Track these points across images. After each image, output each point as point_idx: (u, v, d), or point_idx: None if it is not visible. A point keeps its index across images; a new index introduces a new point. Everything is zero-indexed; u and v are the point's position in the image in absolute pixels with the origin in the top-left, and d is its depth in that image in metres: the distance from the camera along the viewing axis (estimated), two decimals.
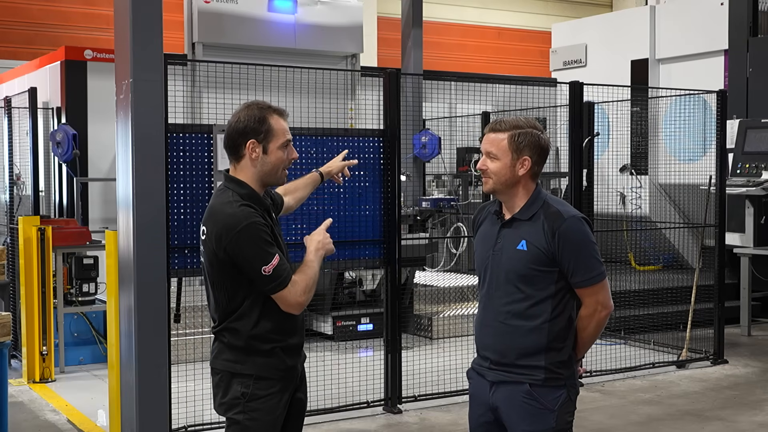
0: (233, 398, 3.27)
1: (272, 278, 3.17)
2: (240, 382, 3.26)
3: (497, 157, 3.32)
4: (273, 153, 3.28)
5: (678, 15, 11.52)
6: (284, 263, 3.21)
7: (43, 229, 7.50)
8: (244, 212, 3.19)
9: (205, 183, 5.90)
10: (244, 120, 3.27)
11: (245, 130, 3.26)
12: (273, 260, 3.16)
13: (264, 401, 3.25)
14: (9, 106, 9.17)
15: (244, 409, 3.25)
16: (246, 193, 3.27)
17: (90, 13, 16.13)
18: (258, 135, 3.26)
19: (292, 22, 10.56)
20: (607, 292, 3.34)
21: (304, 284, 3.24)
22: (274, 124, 3.28)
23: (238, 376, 3.26)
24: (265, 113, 3.28)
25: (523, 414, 3.28)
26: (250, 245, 3.16)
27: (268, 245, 3.18)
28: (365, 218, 6.62)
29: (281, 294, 3.20)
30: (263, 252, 3.16)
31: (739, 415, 6.63)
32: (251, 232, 3.16)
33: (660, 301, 9.44)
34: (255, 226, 3.18)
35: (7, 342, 5.09)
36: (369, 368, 6.92)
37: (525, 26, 21.45)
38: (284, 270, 3.20)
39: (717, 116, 8.44)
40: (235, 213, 3.18)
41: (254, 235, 3.16)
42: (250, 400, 3.25)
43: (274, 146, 3.28)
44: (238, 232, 3.16)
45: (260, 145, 3.27)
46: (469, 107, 11.79)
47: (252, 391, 3.25)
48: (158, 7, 5.22)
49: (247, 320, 3.25)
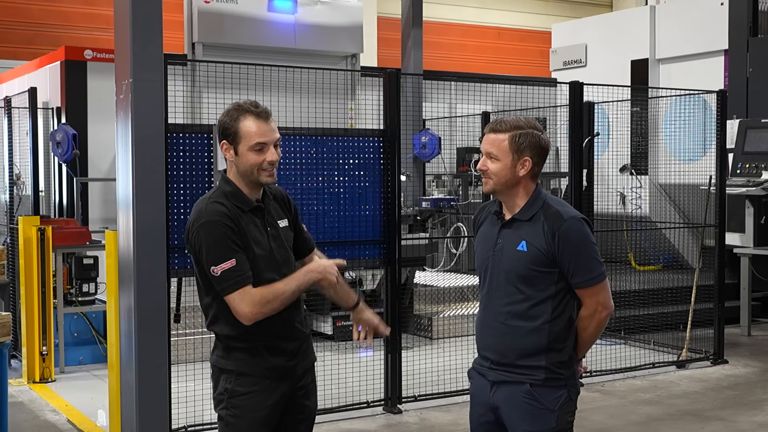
0: (219, 393, 3.30)
1: (221, 280, 3.15)
2: (225, 378, 3.28)
3: (497, 157, 3.31)
4: (243, 155, 3.25)
5: (678, 15, 11.51)
6: (240, 269, 3.15)
7: (43, 229, 7.50)
8: (210, 209, 3.20)
9: (205, 183, 5.89)
10: (220, 121, 3.30)
11: (220, 131, 3.30)
12: (224, 263, 3.13)
13: (246, 398, 3.24)
14: (9, 106, 9.17)
15: (227, 405, 3.27)
16: (229, 191, 3.27)
17: (90, 13, 16.13)
18: (228, 137, 3.27)
19: (292, 22, 10.56)
20: (607, 292, 3.34)
21: (259, 297, 3.15)
22: (243, 126, 3.24)
23: (224, 372, 3.28)
24: (239, 114, 3.26)
25: (524, 414, 3.28)
26: (205, 242, 3.16)
27: (224, 246, 3.15)
28: (365, 218, 6.62)
29: (229, 299, 3.16)
30: (216, 251, 3.15)
31: (739, 415, 6.63)
32: (210, 229, 3.16)
33: (660, 301, 9.44)
34: (216, 224, 3.17)
35: (7, 342, 5.09)
36: (369, 368, 6.92)
37: (525, 26, 21.45)
38: (236, 275, 3.14)
39: (717, 116, 8.44)
40: (202, 209, 3.22)
41: (212, 233, 3.16)
42: (231, 396, 3.25)
43: (244, 148, 3.25)
44: (198, 227, 3.18)
45: (231, 146, 3.28)
46: (469, 107, 11.79)
47: (233, 387, 3.25)
48: (158, 7, 5.22)
49: (222, 319, 3.25)
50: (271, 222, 3.37)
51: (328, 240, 6.44)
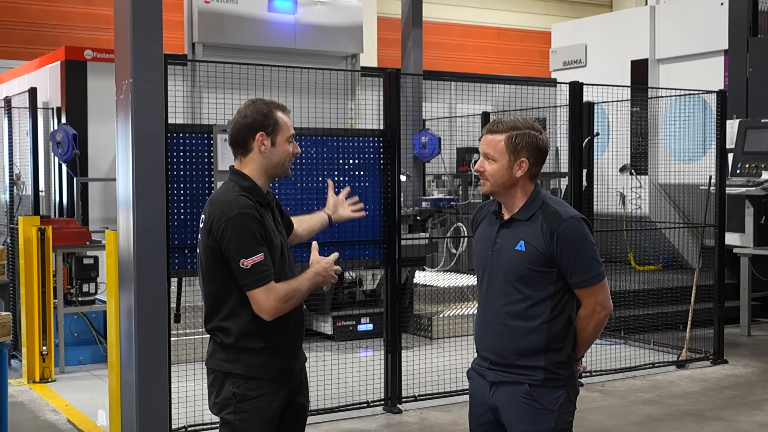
0: (225, 398, 3.27)
1: (249, 273, 3.15)
2: (232, 382, 3.26)
3: (494, 158, 3.31)
4: (281, 145, 3.33)
5: (678, 15, 11.51)
6: (267, 263, 3.17)
7: (43, 229, 7.50)
8: (239, 201, 3.20)
9: (205, 183, 5.89)
10: (251, 115, 3.31)
11: (253, 124, 3.30)
12: (255, 256, 3.15)
13: (255, 402, 3.24)
14: (9, 106, 9.17)
15: (235, 409, 3.25)
16: (248, 186, 3.29)
17: (90, 13, 16.13)
18: (266, 128, 3.31)
19: (292, 22, 10.56)
20: (606, 292, 3.34)
21: (284, 292, 3.19)
22: (280, 117, 3.34)
23: (230, 376, 3.26)
24: (271, 107, 3.34)
25: (523, 414, 3.28)
26: (235, 234, 3.16)
27: (254, 239, 3.17)
28: (365, 218, 6.60)
29: (254, 293, 3.17)
30: (247, 244, 3.15)
31: (739, 415, 6.63)
32: (240, 221, 3.17)
33: (660, 301, 9.44)
34: (246, 216, 3.18)
35: (7, 342, 5.09)
36: (369, 368, 6.92)
37: (525, 26, 21.45)
38: (265, 270, 3.16)
39: (717, 116, 8.45)
40: (231, 201, 3.21)
41: (242, 226, 3.16)
42: (241, 401, 3.24)
43: (282, 139, 3.33)
44: (228, 220, 3.17)
45: (269, 137, 3.31)
46: (469, 107, 11.79)
47: (243, 392, 3.24)
48: (158, 7, 5.22)
49: (237, 318, 3.24)
50: (278, 220, 3.42)
51: (328, 240, 6.43)
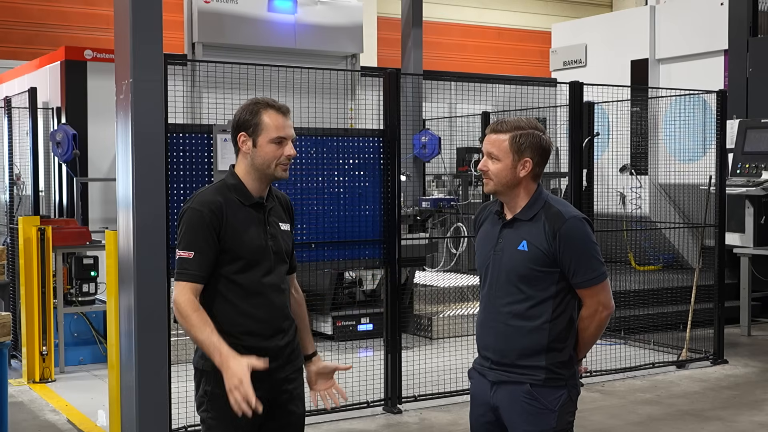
0: (200, 396, 3.28)
1: (176, 264, 3.21)
2: (205, 380, 3.25)
3: (498, 158, 3.31)
4: (262, 147, 3.28)
5: (678, 15, 11.51)
6: (192, 265, 3.17)
7: (43, 229, 7.50)
8: (201, 198, 3.26)
9: (205, 183, 5.88)
10: (239, 114, 3.33)
11: (237, 124, 3.32)
12: (185, 252, 3.19)
13: (224, 400, 3.09)
14: (9, 106, 9.17)
15: (207, 407, 3.25)
16: (232, 184, 3.31)
17: (90, 13, 16.13)
18: (248, 129, 3.29)
19: (292, 22, 10.56)
20: (608, 292, 3.34)
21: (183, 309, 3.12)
22: (265, 119, 3.28)
23: (204, 374, 3.26)
24: (260, 108, 3.30)
25: (524, 414, 3.28)
26: (183, 226, 3.23)
27: (194, 236, 3.19)
28: (365, 218, 6.62)
29: (175, 284, 3.22)
30: (184, 238, 3.21)
31: (739, 415, 6.63)
32: (189, 215, 3.22)
33: (660, 301, 9.44)
34: (196, 212, 3.21)
35: (7, 342, 5.09)
36: (369, 368, 6.91)
37: (525, 26, 21.45)
38: (190, 267, 3.17)
39: (717, 116, 8.45)
40: (196, 195, 3.29)
41: (188, 220, 3.22)
42: (210, 399, 3.23)
43: (263, 140, 3.28)
44: (184, 211, 3.26)
45: (250, 138, 3.29)
46: (469, 107, 11.79)
47: (212, 389, 3.22)
48: (158, 7, 5.22)
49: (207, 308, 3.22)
50: (273, 221, 3.37)
51: (328, 240, 6.44)
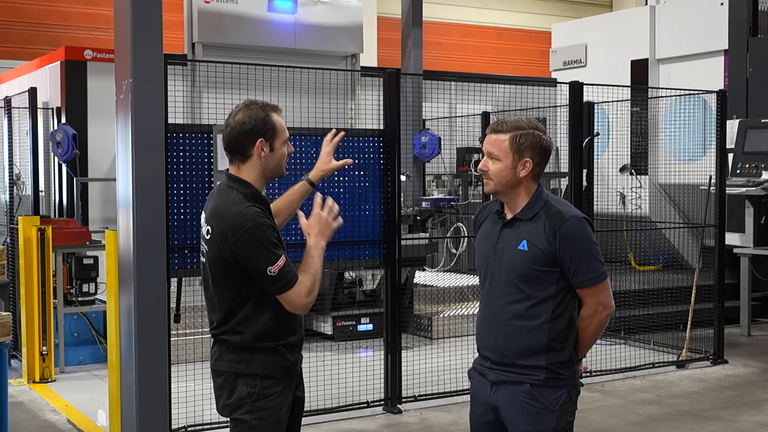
0: (239, 398, 3.28)
1: (277, 279, 3.18)
2: (245, 382, 3.27)
3: (498, 158, 3.31)
4: (278, 149, 3.34)
5: (678, 15, 11.51)
6: (289, 264, 3.22)
7: (43, 229, 7.50)
8: (250, 212, 3.20)
9: (205, 183, 5.89)
10: (249, 121, 3.29)
11: (253, 130, 3.29)
12: (279, 261, 3.17)
13: (270, 400, 3.27)
14: (9, 106, 9.17)
15: (251, 408, 3.26)
16: (250, 193, 3.28)
17: (90, 13, 16.13)
18: (265, 134, 3.30)
19: (292, 22, 10.55)
20: (608, 292, 3.34)
21: (309, 284, 3.25)
22: (276, 121, 3.33)
23: (243, 377, 3.27)
24: (267, 111, 3.33)
25: (524, 414, 3.28)
26: (256, 245, 3.17)
27: (274, 246, 3.19)
28: (365, 218, 6.62)
29: (286, 295, 3.21)
30: (269, 252, 3.17)
31: (739, 415, 6.63)
32: (257, 232, 3.18)
33: (660, 301, 9.44)
34: (261, 226, 3.19)
35: (7, 342, 5.09)
36: (369, 368, 6.92)
37: (525, 26, 21.45)
38: (290, 271, 3.21)
39: (717, 116, 8.45)
40: (242, 213, 3.20)
41: (260, 236, 3.18)
42: (256, 400, 3.26)
43: (279, 143, 3.34)
44: (245, 232, 3.17)
45: (267, 143, 3.31)
46: (469, 107, 11.79)
47: (258, 391, 3.26)
48: (158, 7, 5.22)
49: (252, 320, 3.26)
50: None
51: None
